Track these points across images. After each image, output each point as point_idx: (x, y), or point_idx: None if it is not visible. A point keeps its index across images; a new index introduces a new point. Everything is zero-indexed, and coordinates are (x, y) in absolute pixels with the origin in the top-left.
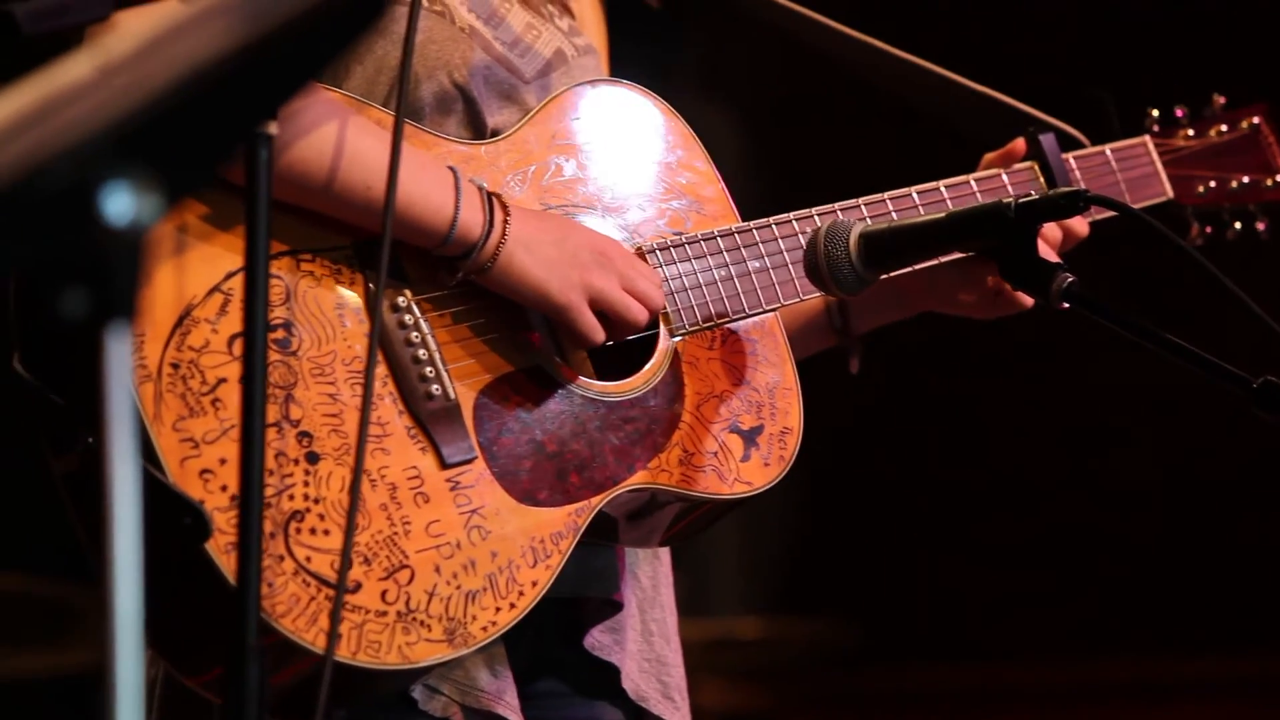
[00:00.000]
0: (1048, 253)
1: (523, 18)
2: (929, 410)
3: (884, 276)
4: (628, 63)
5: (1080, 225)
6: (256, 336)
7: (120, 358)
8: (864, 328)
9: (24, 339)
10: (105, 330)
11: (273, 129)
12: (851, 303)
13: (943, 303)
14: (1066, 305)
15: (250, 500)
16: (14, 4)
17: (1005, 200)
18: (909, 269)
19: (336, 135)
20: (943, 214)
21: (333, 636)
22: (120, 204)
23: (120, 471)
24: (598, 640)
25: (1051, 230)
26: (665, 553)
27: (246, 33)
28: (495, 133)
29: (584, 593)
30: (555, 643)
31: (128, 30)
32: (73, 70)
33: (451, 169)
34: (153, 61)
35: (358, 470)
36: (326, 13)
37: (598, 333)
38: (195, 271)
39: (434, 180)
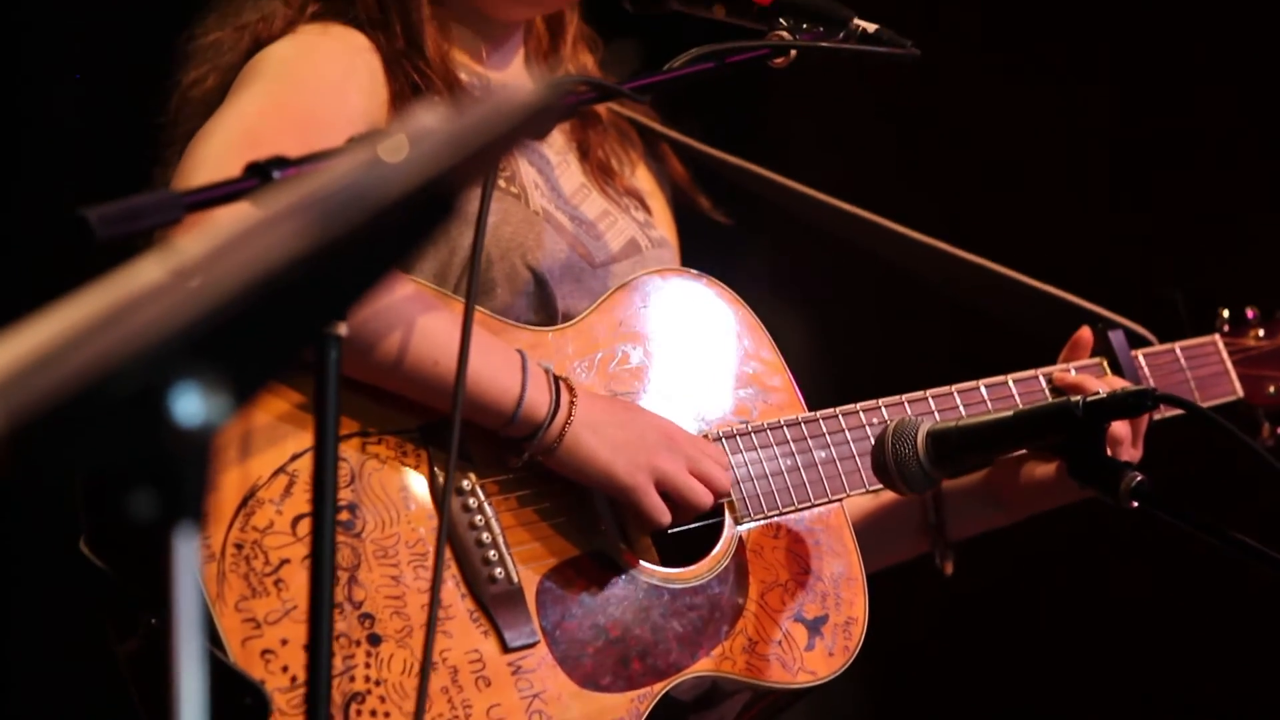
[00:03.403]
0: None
1: (599, 205)
2: (997, 601)
3: (957, 478)
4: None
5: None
6: (325, 568)
7: (187, 557)
8: (961, 533)
9: (90, 522)
10: (171, 531)
11: (342, 330)
12: (948, 503)
13: (1043, 500)
14: (1136, 504)
15: (318, 686)
16: (87, 208)
17: (1073, 399)
18: (979, 468)
19: (407, 314)
20: (1010, 412)
21: None
22: (190, 406)
23: (185, 657)
24: None
25: (1120, 427)
26: None
27: (317, 236)
28: (566, 315)
29: None
30: None
31: (200, 234)
32: (145, 273)
33: (519, 351)
34: (224, 264)
35: (426, 658)
36: (395, 217)
37: (663, 515)
38: (261, 452)
39: (501, 361)
